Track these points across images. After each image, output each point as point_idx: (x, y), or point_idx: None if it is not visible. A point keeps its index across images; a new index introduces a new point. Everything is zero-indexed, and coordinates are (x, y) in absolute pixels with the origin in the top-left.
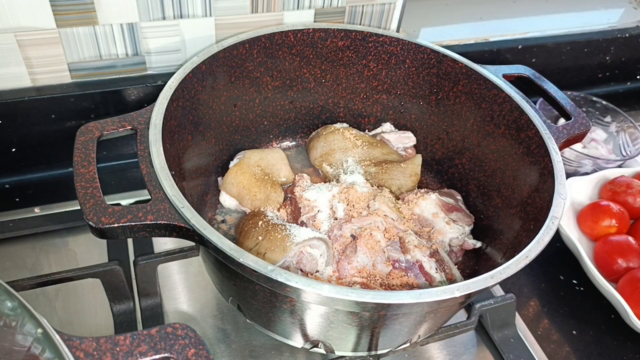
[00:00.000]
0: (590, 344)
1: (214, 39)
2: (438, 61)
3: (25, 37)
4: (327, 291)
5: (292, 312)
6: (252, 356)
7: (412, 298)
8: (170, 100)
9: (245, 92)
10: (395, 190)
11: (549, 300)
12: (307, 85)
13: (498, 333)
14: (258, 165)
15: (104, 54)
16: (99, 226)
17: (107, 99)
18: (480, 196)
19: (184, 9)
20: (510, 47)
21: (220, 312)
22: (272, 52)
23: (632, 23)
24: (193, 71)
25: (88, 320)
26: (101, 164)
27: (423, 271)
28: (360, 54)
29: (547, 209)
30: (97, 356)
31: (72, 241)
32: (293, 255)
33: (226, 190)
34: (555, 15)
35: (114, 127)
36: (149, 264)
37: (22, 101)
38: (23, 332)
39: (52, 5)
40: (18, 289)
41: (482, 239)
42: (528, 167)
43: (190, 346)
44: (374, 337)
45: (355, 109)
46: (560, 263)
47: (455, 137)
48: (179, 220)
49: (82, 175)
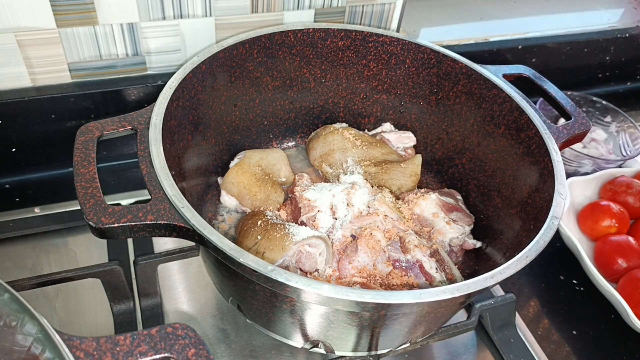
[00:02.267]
0: (590, 344)
1: (214, 39)
2: (438, 61)
3: (25, 37)
4: (327, 291)
5: (292, 312)
6: (252, 356)
7: (412, 298)
8: (170, 100)
9: (245, 92)
10: (395, 190)
11: (549, 300)
12: (307, 85)
13: (498, 333)
14: (258, 165)
15: (104, 54)
16: (99, 226)
17: (107, 99)
18: (480, 196)
19: (184, 9)
20: (510, 47)
21: (220, 312)
22: (272, 52)
23: (632, 23)
24: (193, 71)
25: (88, 320)
26: (101, 164)
27: (423, 271)
28: (360, 54)
29: (547, 209)
30: (97, 356)
31: (72, 241)
32: (292, 254)
33: (227, 190)
34: (555, 15)
35: (114, 127)
36: (149, 264)
37: (22, 101)
38: (23, 332)
39: (52, 5)
40: (18, 289)
41: (482, 239)
42: (528, 167)
43: (190, 346)
44: (374, 337)
45: (355, 109)
46: (560, 263)
47: (455, 137)
48: (179, 220)
49: (82, 175)
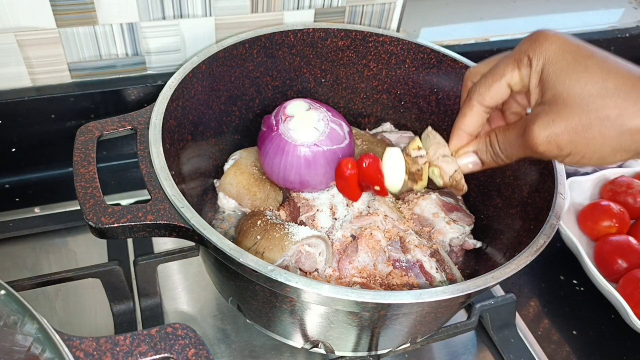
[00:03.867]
0: (590, 344)
1: (214, 39)
2: (438, 61)
3: (25, 37)
4: (327, 291)
5: (292, 312)
6: (252, 356)
7: (412, 298)
8: (170, 100)
9: (245, 92)
10: None
11: (549, 300)
12: (307, 85)
13: (498, 333)
14: (255, 165)
15: (104, 54)
16: (99, 226)
17: (107, 99)
18: (481, 196)
19: (184, 9)
20: (510, 47)
21: (220, 312)
22: (272, 52)
23: (632, 23)
24: (193, 71)
25: (88, 320)
26: (101, 164)
27: (423, 271)
28: (360, 54)
29: (548, 209)
30: (97, 356)
31: (72, 241)
32: (292, 254)
33: (225, 191)
34: (555, 15)
35: (113, 127)
36: (149, 264)
37: (22, 101)
38: (23, 332)
39: (52, 5)
40: (18, 289)
41: (482, 239)
42: (528, 167)
43: (190, 346)
44: (374, 337)
45: (355, 109)
46: (560, 263)
47: None
48: (179, 220)
49: (82, 175)
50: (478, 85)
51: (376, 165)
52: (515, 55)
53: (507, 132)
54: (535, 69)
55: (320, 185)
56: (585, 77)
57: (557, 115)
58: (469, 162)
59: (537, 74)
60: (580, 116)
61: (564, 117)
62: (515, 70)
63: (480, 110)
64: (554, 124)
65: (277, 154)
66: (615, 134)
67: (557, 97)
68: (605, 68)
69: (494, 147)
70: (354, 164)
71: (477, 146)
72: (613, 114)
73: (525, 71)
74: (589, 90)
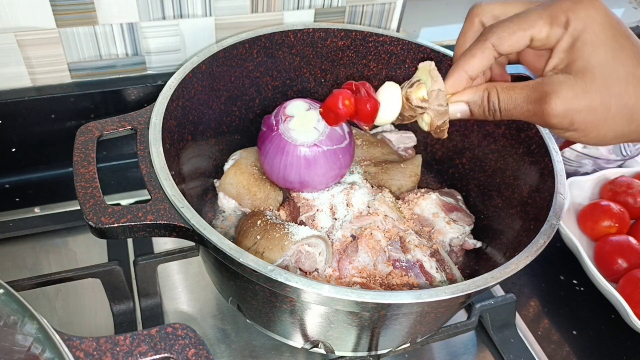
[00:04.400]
0: (590, 344)
1: (214, 38)
2: (438, 61)
3: (25, 37)
4: (327, 291)
5: (292, 312)
6: (252, 356)
7: (412, 298)
8: (170, 100)
9: (245, 92)
10: (395, 190)
11: (549, 300)
12: (307, 85)
13: (498, 333)
14: (255, 165)
15: (104, 54)
16: (99, 226)
17: (107, 99)
18: (481, 196)
19: (184, 9)
20: None
21: (220, 312)
22: (272, 52)
23: (632, 23)
24: (193, 71)
25: (88, 320)
26: (101, 164)
27: (424, 271)
28: (360, 54)
29: (547, 209)
30: (97, 356)
31: (72, 241)
32: (292, 254)
33: (225, 192)
34: None
35: (113, 127)
36: (149, 264)
37: (22, 101)
38: (23, 332)
39: (52, 5)
40: (18, 289)
41: (482, 239)
42: (528, 167)
43: (190, 346)
44: (374, 337)
45: None
46: (560, 263)
47: (455, 137)
48: (179, 220)
49: (82, 175)
50: (499, 28)
51: (375, 108)
52: (552, 11)
53: (512, 92)
54: (572, 33)
55: (320, 185)
56: (621, 58)
57: (582, 91)
58: (458, 111)
59: (572, 38)
60: (603, 97)
61: (588, 95)
62: (547, 27)
63: (491, 55)
64: (577, 100)
65: (277, 154)
66: (627, 122)
67: (587, 70)
68: (638, 53)
69: (491, 103)
70: (351, 101)
71: (471, 97)
72: (631, 102)
73: (556, 31)
74: (619, 72)
